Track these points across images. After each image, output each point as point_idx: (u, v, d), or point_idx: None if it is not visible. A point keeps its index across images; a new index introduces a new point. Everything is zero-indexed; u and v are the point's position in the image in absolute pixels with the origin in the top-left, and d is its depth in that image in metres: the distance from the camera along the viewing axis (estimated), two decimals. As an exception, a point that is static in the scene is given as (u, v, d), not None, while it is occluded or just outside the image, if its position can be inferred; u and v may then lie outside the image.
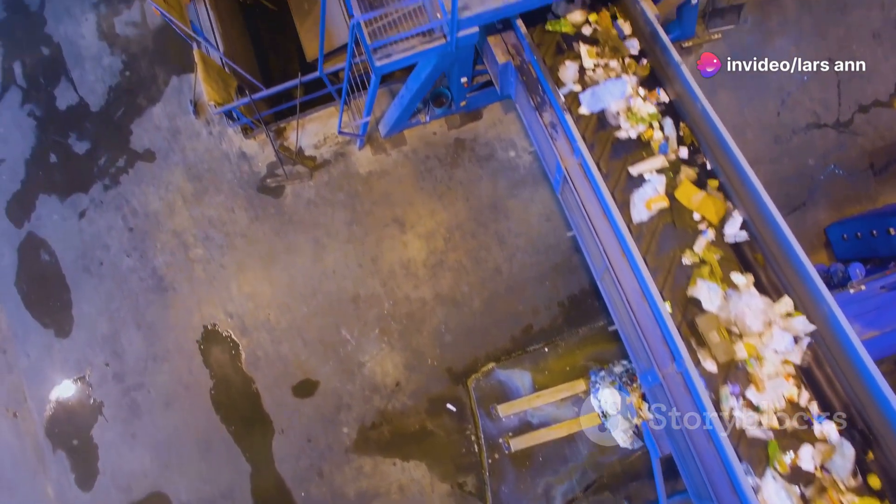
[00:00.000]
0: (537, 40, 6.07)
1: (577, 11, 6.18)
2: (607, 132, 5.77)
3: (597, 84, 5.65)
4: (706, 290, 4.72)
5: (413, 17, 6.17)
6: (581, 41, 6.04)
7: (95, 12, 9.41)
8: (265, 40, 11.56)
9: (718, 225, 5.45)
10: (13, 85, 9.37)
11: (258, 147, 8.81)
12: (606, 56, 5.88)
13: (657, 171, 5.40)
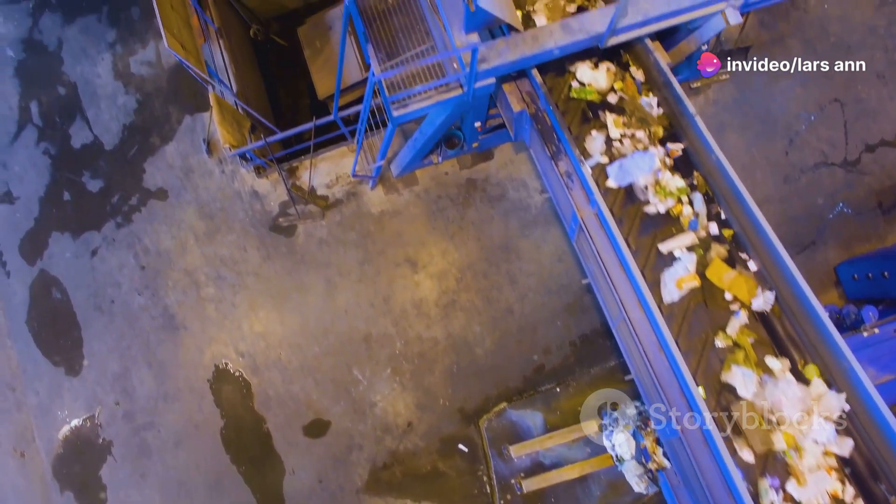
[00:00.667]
0: (562, 108, 6.09)
1: (602, 74, 6.16)
2: (635, 206, 5.68)
3: (624, 157, 5.66)
4: (741, 377, 4.65)
5: (430, 67, 6.28)
6: (607, 110, 6.02)
7: (111, 52, 9.54)
8: (276, 75, 11.71)
9: (749, 303, 5.34)
10: (29, 124, 9.46)
11: (270, 186, 8.88)
12: (633, 126, 5.88)
13: (687, 249, 5.40)
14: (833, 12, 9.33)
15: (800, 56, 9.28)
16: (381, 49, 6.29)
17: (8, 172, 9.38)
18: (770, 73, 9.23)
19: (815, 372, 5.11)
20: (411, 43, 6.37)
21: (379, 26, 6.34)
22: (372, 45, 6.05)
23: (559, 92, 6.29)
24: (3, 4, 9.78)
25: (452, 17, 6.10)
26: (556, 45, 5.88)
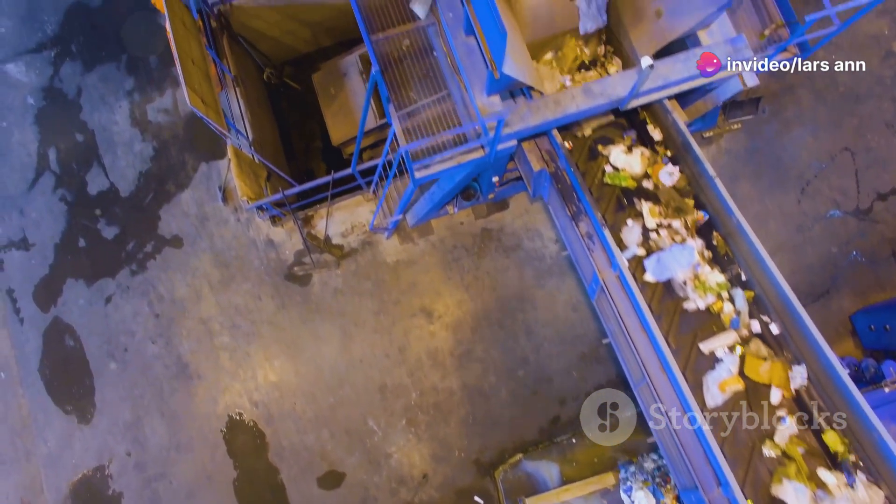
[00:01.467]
0: (596, 194, 6.10)
1: (636, 159, 6.10)
2: (674, 302, 5.56)
3: (662, 250, 5.66)
4: (793, 492, 4.56)
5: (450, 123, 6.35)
6: (643, 198, 5.93)
7: (129, 100, 9.66)
8: (289, 117, 11.84)
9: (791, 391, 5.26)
10: (47, 170, 9.54)
11: (286, 235, 8.91)
12: (669, 216, 5.89)
13: (729, 349, 5.38)
14: (841, 63, 9.44)
15: (810, 104, 9.43)
16: (404, 108, 6.38)
17: (25, 219, 9.43)
18: (781, 120, 9.38)
19: (838, 441, 5.08)
20: (434, 105, 6.47)
21: (401, 90, 6.43)
22: (397, 115, 6.10)
23: (592, 176, 6.24)
24: (26, 53, 9.93)
25: (473, 79, 6.19)
26: (577, 108, 5.95)
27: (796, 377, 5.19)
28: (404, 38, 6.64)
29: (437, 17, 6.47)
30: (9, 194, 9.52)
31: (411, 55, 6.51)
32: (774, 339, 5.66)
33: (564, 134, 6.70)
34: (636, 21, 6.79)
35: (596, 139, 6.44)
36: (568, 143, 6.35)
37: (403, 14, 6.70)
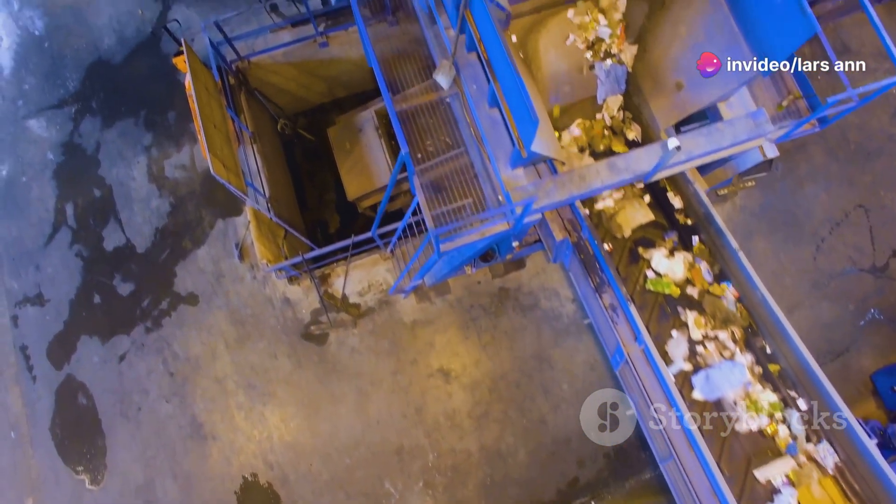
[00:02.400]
0: (638, 301, 6.04)
1: (678, 263, 6.01)
2: (725, 422, 5.45)
3: (710, 366, 5.60)
4: None
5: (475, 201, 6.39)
6: (687, 307, 5.82)
7: (147, 155, 9.74)
8: (302, 168, 11.93)
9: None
10: (64, 225, 9.57)
11: (302, 293, 8.89)
12: (716, 326, 5.80)
13: (787, 478, 5.20)
14: (852, 120, 9.57)
15: (822, 162, 9.51)
16: (429, 186, 6.42)
17: (41, 274, 9.42)
18: (795, 177, 9.43)
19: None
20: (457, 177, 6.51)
21: (424, 159, 6.48)
22: (422, 188, 6.13)
23: (634, 282, 6.15)
24: (48, 109, 10.06)
25: (498, 151, 6.25)
26: (602, 184, 5.99)
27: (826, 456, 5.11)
28: (428, 107, 6.73)
29: (461, 88, 6.56)
30: (26, 249, 9.54)
31: (436, 126, 6.58)
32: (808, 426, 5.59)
33: (604, 236, 6.66)
34: (656, 92, 6.89)
35: (636, 240, 6.33)
36: (608, 244, 6.22)
37: (427, 84, 6.80)
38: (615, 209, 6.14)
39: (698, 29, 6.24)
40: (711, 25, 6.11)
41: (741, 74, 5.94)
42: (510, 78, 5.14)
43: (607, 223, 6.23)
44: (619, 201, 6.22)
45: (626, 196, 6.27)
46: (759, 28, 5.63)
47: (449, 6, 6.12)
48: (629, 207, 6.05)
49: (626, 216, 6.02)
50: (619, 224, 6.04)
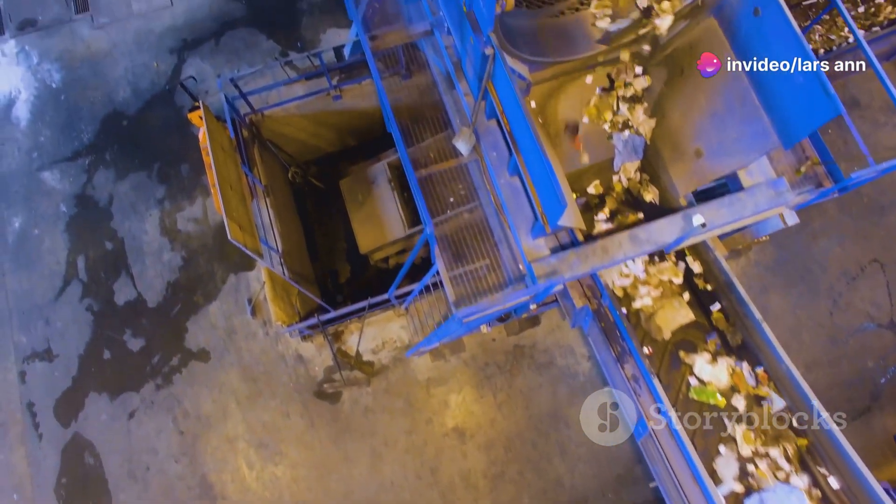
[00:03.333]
0: (681, 411, 5.83)
1: (722, 370, 5.84)
2: None
3: (763, 489, 5.42)
4: None
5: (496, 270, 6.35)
6: (735, 421, 5.61)
7: (159, 208, 9.74)
8: (313, 216, 11.92)
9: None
10: (75, 279, 9.52)
11: (315, 350, 8.80)
12: (767, 443, 5.51)
13: None
14: (864, 174, 9.58)
15: (835, 216, 9.51)
16: (448, 251, 6.40)
17: (50, 328, 9.34)
18: (809, 231, 9.42)
19: None
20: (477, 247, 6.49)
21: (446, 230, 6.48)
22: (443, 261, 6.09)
23: (676, 390, 5.96)
24: (62, 161, 10.09)
25: (519, 220, 6.22)
26: (624, 255, 5.95)
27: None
28: (447, 174, 6.74)
29: (480, 155, 6.57)
30: (35, 303, 9.47)
31: (454, 189, 6.59)
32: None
33: (643, 338, 6.50)
34: (675, 157, 6.89)
35: (676, 343, 6.16)
36: (647, 348, 6.06)
37: (446, 151, 6.83)
38: (654, 308, 6.07)
39: (718, 99, 6.27)
40: (731, 96, 6.13)
41: (762, 145, 5.96)
42: (536, 155, 5.13)
43: (646, 324, 6.14)
44: (657, 299, 6.15)
45: (665, 294, 6.20)
46: (780, 103, 5.65)
47: (470, 75, 6.17)
48: (668, 307, 5.98)
49: (666, 317, 5.92)
50: (658, 326, 5.93)
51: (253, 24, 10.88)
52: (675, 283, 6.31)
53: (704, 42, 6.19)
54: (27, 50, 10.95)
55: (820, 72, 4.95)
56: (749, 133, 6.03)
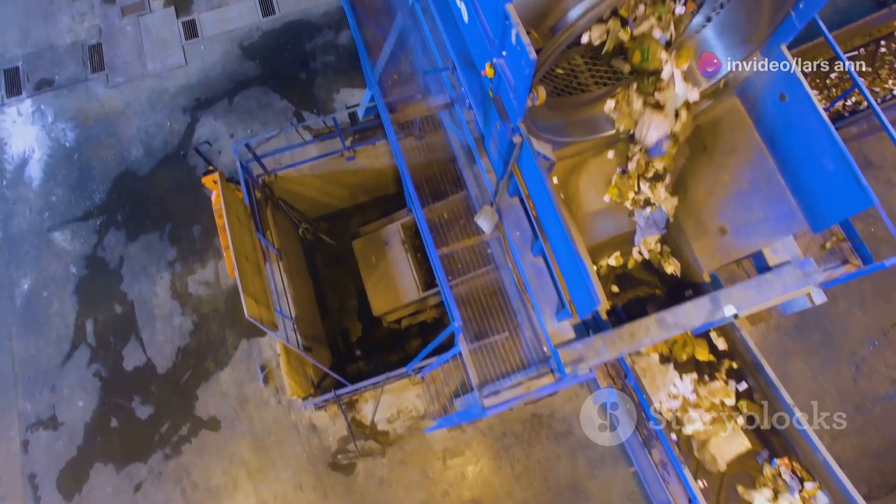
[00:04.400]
0: None
1: None
2: None
3: None
4: None
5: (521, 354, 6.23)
6: None
7: (170, 271, 9.64)
8: (323, 273, 11.81)
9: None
10: (83, 343, 9.35)
11: (329, 419, 8.58)
12: None
13: None
14: (883, 236, 9.51)
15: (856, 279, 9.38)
16: (469, 330, 6.28)
17: (56, 395, 9.13)
18: (828, 294, 9.28)
19: None
20: (498, 325, 6.38)
21: (467, 307, 6.37)
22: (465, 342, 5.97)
23: None
24: (73, 222, 10.03)
25: (543, 302, 6.11)
26: (652, 340, 5.83)
27: None
28: (469, 253, 6.67)
29: (503, 233, 6.50)
30: (42, 368, 9.28)
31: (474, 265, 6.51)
32: None
33: (696, 469, 6.27)
34: (698, 233, 6.82)
35: (733, 475, 5.96)
36: (702, 482, 5.82)
37: (468, 228, 6.76)
38: (706, 434, 5.90)
39: (742, 177, 6.22)
40: (756, 176, 6.09)
41: (789, 226, 5.89)
42: (565, 246, 5.04)
43: (699, 452, 5.97)
44: (709, 423, 5.99)
45: (718, 418, 6.04)
46: (807, 187, 5.59)
47: (493, 155, 6.11)
48: (722, 433, 5.78)
49: (720, 446, 5.75)
50: (712, 456, 5.74)
51: (266, 83, 10.96)
52: (728, 405, 6.10)
53: (727, 120, 6.18)
54: (42, 109, 11.00)
55: (851, 163, 4.90)
56: (775, 213, 5.97)
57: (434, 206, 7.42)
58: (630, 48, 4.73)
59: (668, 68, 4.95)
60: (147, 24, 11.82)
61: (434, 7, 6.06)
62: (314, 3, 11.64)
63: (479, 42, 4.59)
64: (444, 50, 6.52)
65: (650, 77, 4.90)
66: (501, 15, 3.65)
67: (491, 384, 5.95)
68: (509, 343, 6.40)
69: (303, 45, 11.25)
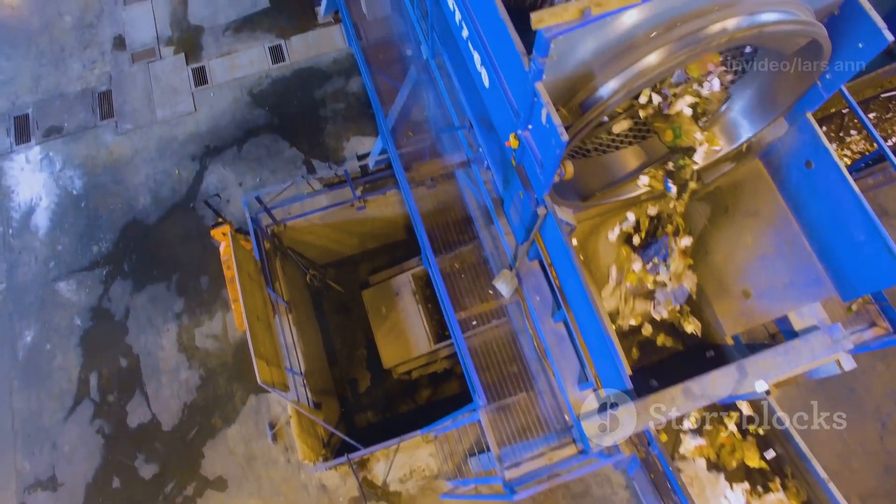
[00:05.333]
0: None
1: None
2: None
3: None
4: None
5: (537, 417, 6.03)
6: None
7: (177, 322, 9.46)
8: (331, 320, 11.63)
9: None
10: (86, 398, 9.13)
11: (339, 479, 8.32)
12: None
13: None
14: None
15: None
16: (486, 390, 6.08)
17: (56, 453, 8.87)
18: (847, 347, 9.07)
19: None
20: (515, 386, 6.21)
21: (486, 373, 6.19)
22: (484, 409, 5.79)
23: None
24: (79, 272, 9.90)
25: (564, 370, 5.93)
26: (678, 411, 5.63)
27: None
28: (488, 318, 6.52)
29: (522, 297, 6.35)
30: (43, 425, 9.04)
31: (497, 340, 6.34)
32: None
33: None
34: (720, 295, 6.67)
35: None
36: None
37: (485, 286, 6.62)
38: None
39: (766, 241, 6.09)
40: (780, 241, 5.96)
41: (816, 293, 5.74)
42: (592, 322, 4.88)
43: None
44: None
45: None
46: (836, 256, 5.45)
47: (514, 221, 5.98)
48: None
49: None
50: None
51: (276, 131, 10.95)
52: None
53: (750, 183, 6.06)
54: (51, 156, 10.97)
55: (885, 236, 4.76)
56: (801, 279, 5.82)
57: (447, 255, 7.31)
58: (661, 128, 4.63)
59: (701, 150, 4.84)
60: (157, 71, 11.87)
61: (450, 65, 5.99)
62: (323, 51, 11.71)
63: (501, 110, 4.46)
64: (460, 108, 6.44)
65: (683, 154, 4.79)
66: (530, 92, 3.56)
67: (510, 451, 5.73)
68: (528, 406, 6.21)
69: (312, 93, 11.28)
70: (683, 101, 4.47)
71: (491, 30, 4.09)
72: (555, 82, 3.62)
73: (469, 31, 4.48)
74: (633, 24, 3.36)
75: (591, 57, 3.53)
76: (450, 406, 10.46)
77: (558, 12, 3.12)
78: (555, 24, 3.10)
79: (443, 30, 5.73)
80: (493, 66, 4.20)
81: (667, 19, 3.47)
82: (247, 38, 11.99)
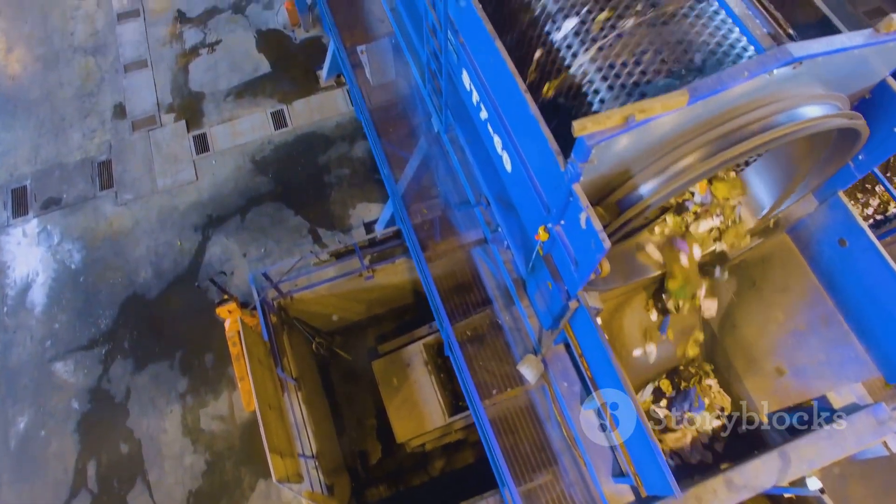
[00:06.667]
0: None
1: None
2: None
3: None
4: None
5: None
6: None
7: (181, 403, 9.08)
8: (338, 389, 11.26)
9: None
10: (83, 489, 8.64)
11: (355, 572, 7.84)
12: None
13: None
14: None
15: None
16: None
17: (51, 553, 8.35)
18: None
19: None
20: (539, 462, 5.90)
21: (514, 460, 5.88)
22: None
23: None
24: (77, 351, 9.54)
25: (597, 460, 5.64)
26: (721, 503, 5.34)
27: None
28: (512, 403, 6.24)
29: (548, 382, 6.09)
30: (37, 520, 8.54)
31: (524, 426, 6.05)
32: None
33: None
34: (751, 371, 6.44)
35: None
36: None
37: (511, 377, 6.35)
38: None
39: (798, 317, 5.90)
40: (813, 317, 5.77)
41: (857, 373, 5.52)
42: (631, 423, 4.62)
43: None
44: None
45: None
46: (878, 336, 5.25)
47: (539, 307, 5.74)
48: None
49: None
50: None
51: (280, 199, 10.81)
52: None
53: (778, 257, 5.90)
54: (49, 229, 10.73)
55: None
56: (839, 357, 5.60)
57: (460, 323, 7.02)
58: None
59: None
60: (158, 139, 11.78)
61: (465, 141, 5.85)
62: (326, 115, 11.69)
63: (527, 199, 4.23)
64: (475, 183, 6.28)
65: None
66: (565, 192, 3.38)
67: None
68: (556, 494, 5.89)
69: (316, 158, 11.19)
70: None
71: (517, 121, 3.92)
72: (591, 181, 3.46)
73: (489, 113, 4.33)
74: (673, 126, 3.25)
75: (631, 156, 3.40)
76: (464, 476, 10.09)
77: (601, 120, 2.97)
78: (597, 131, 2.97)
79: (457, 106, 5.59)
80: (519, 154, 4.02)
81: (709, 118, 3.35)
82: (248, 104, 11.98)
